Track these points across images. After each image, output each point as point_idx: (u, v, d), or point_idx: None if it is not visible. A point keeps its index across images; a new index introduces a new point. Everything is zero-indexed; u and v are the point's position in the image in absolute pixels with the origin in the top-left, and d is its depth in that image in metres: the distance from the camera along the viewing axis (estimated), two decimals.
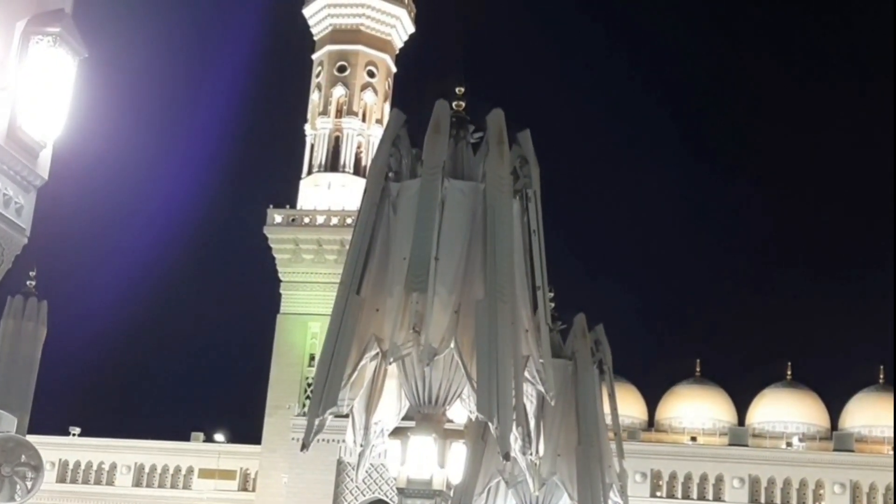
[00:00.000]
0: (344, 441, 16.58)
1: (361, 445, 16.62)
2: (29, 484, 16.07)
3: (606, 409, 24.01)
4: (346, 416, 16.62)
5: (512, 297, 15.83)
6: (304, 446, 15.71)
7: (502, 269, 15.84)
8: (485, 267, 15.90)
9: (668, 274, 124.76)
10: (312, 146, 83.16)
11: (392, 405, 16.63)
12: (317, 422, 15.54)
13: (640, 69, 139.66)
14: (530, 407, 16.65)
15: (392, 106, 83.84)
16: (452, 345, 15.53)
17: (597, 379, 23.36)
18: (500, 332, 15.40)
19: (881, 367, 77.26)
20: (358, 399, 16.48)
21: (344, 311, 15.85)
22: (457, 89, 17.56)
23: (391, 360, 15.65)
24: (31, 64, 12.32)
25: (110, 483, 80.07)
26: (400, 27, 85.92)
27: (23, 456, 15.56)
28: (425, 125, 16.77)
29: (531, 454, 16.52)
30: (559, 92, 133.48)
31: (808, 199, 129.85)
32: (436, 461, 15.91)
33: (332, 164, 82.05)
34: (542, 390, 16.51)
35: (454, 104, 17.25)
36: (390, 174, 16.66)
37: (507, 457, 15.43)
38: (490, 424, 15.16)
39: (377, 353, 15.84)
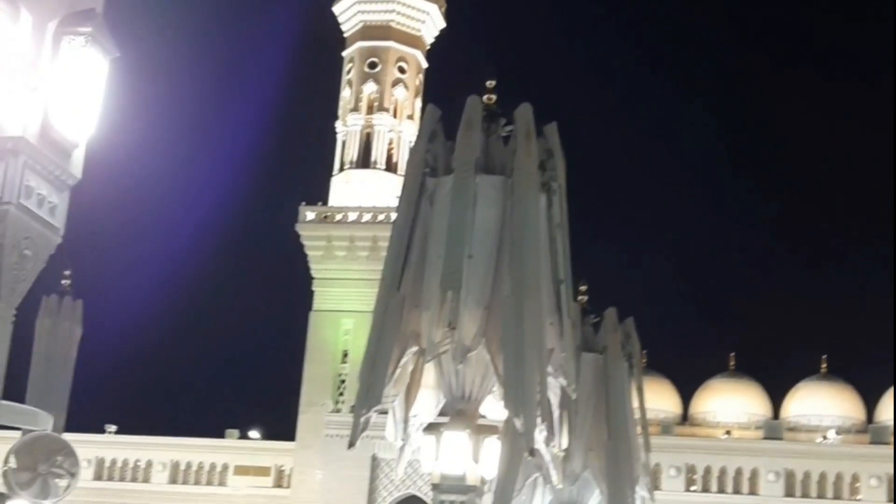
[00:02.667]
0: (381, 437, 16.69)
1: (402, 440, 16.66)
2: (64, 483, 16.11)
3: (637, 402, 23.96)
4: (385, 412, 16.68)
5: (537, 292, 15.84)
6: (352, 444, 15.94)
7: (528, 264, 15.85)
8: (512, 262, 15.92)
9: (702, 268, 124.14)
10: (344, 143, 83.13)
11: (430, 399, 16.66)
12: (362, 419, 15.67)
13: (665, 61, 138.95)
14: (554, 399, 16.62)
15: (424, 101, 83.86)
16: (483, 341, 15.55)
17: (626, 373, 23.29)
18: (525, 327, 15.42)
19: None
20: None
21: (386, 308, 15.95)
22: (487, 83, 17.52)
23: (429, 358, 15.71)
24: (63, 64, 12.36)
25: (146, 480, 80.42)
26: (430, 22, 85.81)
27: (59, 456, 15.60)
28: (457, 119, 16.77)
29: (554, 446, 16.51)
30: (588, 83, 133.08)
31: (841, 197, 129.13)
32: (470, 457, 15.89)
33: (364, 160, 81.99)
34: (563, 383, 16.50)
35: (485, 98, 17.22)
36: (427, 170, 16.69)
37: (532, 452, 15.45)
38: (515, 420, 15.17)
39: (417, 350, 15.90)
